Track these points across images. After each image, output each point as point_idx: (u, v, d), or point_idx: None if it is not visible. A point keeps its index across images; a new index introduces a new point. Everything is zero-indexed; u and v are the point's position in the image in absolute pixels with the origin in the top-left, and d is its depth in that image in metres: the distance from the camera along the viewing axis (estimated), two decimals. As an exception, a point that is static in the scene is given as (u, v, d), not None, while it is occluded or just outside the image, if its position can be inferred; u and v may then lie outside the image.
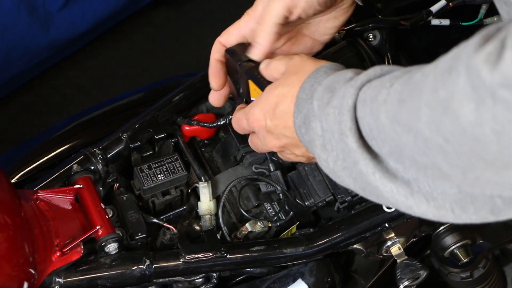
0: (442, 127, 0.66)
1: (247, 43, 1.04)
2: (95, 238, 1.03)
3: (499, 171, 0.66)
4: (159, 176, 1.13)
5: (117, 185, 1.13)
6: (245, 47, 1.03)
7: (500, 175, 0.66)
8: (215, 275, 1.11)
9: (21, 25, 2.09)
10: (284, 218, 1.15)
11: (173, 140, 1.19)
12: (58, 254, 0.99)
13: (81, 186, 1.07)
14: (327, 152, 0.84)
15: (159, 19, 2.52)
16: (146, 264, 1.04)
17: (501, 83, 0.59)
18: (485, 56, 0.60)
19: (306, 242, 1.12)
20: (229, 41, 1.04)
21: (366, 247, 1.19)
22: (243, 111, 0.99)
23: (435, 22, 1.32)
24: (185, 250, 1.06)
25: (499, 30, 0.62)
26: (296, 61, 0.95)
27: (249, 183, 1.17)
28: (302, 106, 0.88)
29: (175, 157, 1.15)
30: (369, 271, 1.29)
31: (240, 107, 1.03)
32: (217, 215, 1.13)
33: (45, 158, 1.21)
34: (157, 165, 1.14)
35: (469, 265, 1.33)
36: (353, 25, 1.28)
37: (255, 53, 1.01)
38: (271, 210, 1.15)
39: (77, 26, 2.22)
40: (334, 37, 1.17)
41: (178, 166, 1.14)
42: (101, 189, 1.12)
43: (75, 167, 1.10)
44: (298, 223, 1.15)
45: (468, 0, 1.31)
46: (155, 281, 1.06)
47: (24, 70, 2.21)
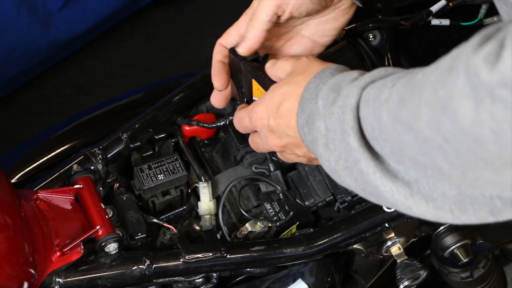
0: (441, 126, 0.66)
1: None
2: (95, 238, 1.03)
3: (498, 171, 0.66)
4: (159, 176, 1.13)
5: (117, 185, 1.13)
6: None
7: (499, 174, 0.66)
8: (215, 275, 1.11)
9: (21, 25, 2.09)
10: (284, 218, 1.15)
11: (173, 140, 1.19)
12: (58, 254, 0.99)
13: (81, 186, 1.07)
14: (329, 151, 0.84)
15: (159, 19, 2.52)
16: (146, 264, 1.04)
17: (500, 82, 0.59)
18: (484, 56, 0.60)
19: (306, 242, 1.12)
20: (229, 41, 1.05)
21: (366, 247, 1.19)
22: (246, 109, 0.99)
23: (435, 22, 1.32)
24: (185, 250, 1.06)
25: (498, 30, 0.62)
26: (302, 62, 0.95)
27: (249, 183, 1.17)
28: (306, 105, 0.88)
29: (175, 157, 1.15)
30: (369, 271, 1.29)
31: (241, 106, 1.03)
32: (217, 215, 1.13)
33: (45, 158, 1.21)
34: (157, 165, 1.14)
35: (469, 265, 1.33)
36: (353, 25, 1.28)
37: (242, 47, 1.02)
38: (271, 210, 1.15)
39: (77, 26, 2.22)
40: (334, 37, 1.17)
41: (178, 166, 1.14)
42: (101, 189, 1.12)
43: (75, 167, 1.10)
44: (298, 223, 1.15)
45: (468, 0, 1.31)
46: (155, 281, 1.06)
47: (24, 70, 2.21)
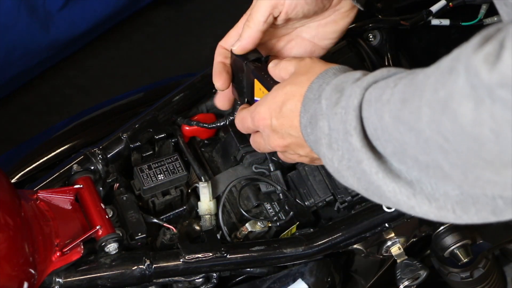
0: (442, 126, 0.66)
1: None
2: (95, 238, 1.03)
3: (499, 171, 0.66)
4: (159, 176, 1.13)
5: (117, 185, 1.13)
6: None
7: (500, 174, 0.66)
8: (215, 275, 1.11)
9: (21, 25, 2.09)
10: (284, 218, 1.15)
11: (173, 140, 1.19)
12: (58, 254, 0.99)
13: (81, 186, 1.07)
14: (332, 151, 0.84)
15: (159, 19, 2.52)
16: (146, 264, 1.04)
17: (500, 83, 0.59)
18: (484, 56, 0.60)
19: (306, 242, 1.12)
20: (229, 43, 1.05)
21: (366, 247, 1.19)
22: (248, 110, 0.99)
23: (435, 22, 1.32)
24: (185, 250, 1.06)
25: (498, 31, 0.62)
26: (306, 62, 0.96)
27: (249, 183, 1.17)
28: (309, 105, 0.88)
29: (175, 157, 1.15)
30: (369, 271, 1.29)
31: (243, 107, 1.04)
32: (217, 215, 1.13)
33: (45, 158, 1.21)
34: (157, 165, 1.14)
35: (469, 265, 1.33)
36: (353, 25, 1.28)
37: (236, 45, 1.03)
38: (271, 210, 1.15)
39: (77, 26, 2.22)
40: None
41: (178, 166, 1.14)
42: (101, 189, 1.12)
43: (75, 167, 1.10)
44: (298, 223, 1.15)
45: (468, 0, 1.31)
46: (155, 281, 1.06)
47: (24, 70, 2.21)
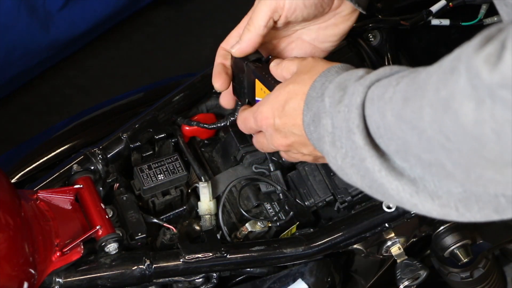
0: (443, 126, 0.66)
1: None
2: (95, 238, 1.03)
3: (501, 170, 0.66)
4: (159, 176, 1.13)
5: (117, 185, 1.13)
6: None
7: (501, 173, 0.67)
8: (215, 275, 1.11)
9: (21, 25, 2.09)
10: (284, 218, 1.15)
11: (173, 140, 1.19)
12: (58, 254, 0.99)
13: (81, 186, 1.07)
14: (336, 149, 0.84)
15: (159, 19, 2.52)
16: (146, 264, 1.04)
17: (501, 83, 0.59)
18: (485, 56, 0.60)
19: (306, 242, 1.12)
20: (230, 43, 1.05)
21: (366, 247, 1.19)
22: (250, 110, 0.99)
23: (435, 22, 1.32)
24: (185, 250, 1.06)
25: (500, 31, 0.62)
26: (308, 61, 0.96)
27: (249, 183, 1.17)
28: (312, 104, 0.88)
29: (175, 157, 1.15)
30: (369, 271, 1.29)
31: (244, 107, 1.04)
32: (217, 215, 1.13)
33: (45, 158, 1.21)
34: (157, 165, 1.14)
35: (469, 265, 1.33)
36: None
37: (235, 47, 1.03)
38: (271, 210, 1.15)
39: (77, 26, 2.22)
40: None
41: (178, 166, 1.14)
42: (101, 189, 1.12)
43: (75, 167, 1.10)
44: (298, 223, 1.15)
45: (468, 0, 1.31)
46: (155, 281, 1.06)
47: (24, 70, 2.21)
